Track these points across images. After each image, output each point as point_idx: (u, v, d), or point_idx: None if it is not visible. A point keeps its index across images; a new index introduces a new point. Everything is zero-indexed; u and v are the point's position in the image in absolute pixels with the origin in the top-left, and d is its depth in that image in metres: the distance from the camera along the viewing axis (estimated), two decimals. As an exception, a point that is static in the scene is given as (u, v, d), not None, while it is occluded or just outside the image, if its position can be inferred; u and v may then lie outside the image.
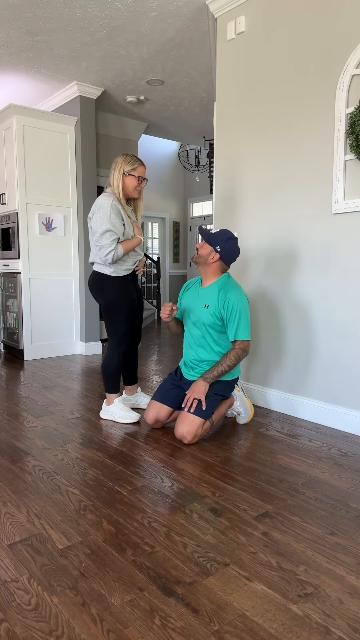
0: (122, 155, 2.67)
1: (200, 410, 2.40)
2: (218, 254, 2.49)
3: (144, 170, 2.70)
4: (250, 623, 1.22)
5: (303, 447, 2.41)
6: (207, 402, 2.44)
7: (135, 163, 2.66)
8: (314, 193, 2.70)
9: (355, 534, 1.62)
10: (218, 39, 3.22)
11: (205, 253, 2.52)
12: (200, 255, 2.53)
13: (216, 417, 2.54)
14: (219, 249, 2.48)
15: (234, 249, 2.51)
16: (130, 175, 2.65)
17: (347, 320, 2.60)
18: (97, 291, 2.72)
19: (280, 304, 2.94)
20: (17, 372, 4.11)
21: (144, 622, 1.22)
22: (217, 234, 2.50)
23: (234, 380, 2.60)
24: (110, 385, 2.80)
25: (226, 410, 2.65)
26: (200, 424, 2.39)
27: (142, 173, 2.69)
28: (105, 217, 2.56)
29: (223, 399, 2.56)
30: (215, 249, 2.49)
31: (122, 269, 2.71)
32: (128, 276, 2.75)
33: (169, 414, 2.62)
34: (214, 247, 2.49)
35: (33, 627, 1.20)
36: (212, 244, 2.49)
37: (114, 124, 5.55)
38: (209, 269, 2.55)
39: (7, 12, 3.36)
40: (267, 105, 2.91)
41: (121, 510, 1.77)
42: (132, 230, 2.71)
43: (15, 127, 4.42)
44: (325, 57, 2.59)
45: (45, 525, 1.67)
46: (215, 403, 2.48)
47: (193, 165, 7.91)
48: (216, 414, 2.54)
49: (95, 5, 3.27)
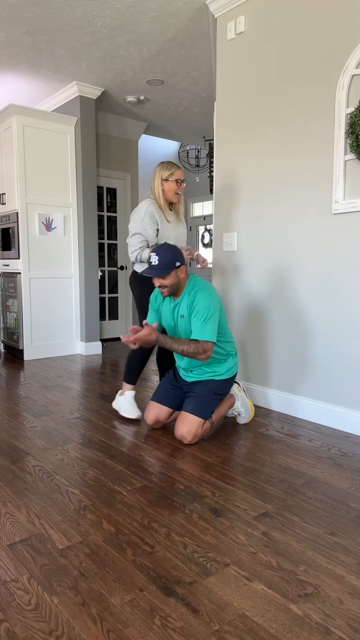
0: (159, 163, 2.82)
1: (200, 410, 2.40)
2: (182, 265, 2.38)
3: (181, 173, 2.80)
4: (250, 623, 1.22)
5: (303, 447, 2.41)
6: (206, 402, 2.43)
7: (172, 168, 2.79)
8: (314, 193, 2.70)
9: (355, 534, 1.62)
10: (218, 39, 3.22)
11: (173, 280, 2.37)
12: (170, 285, 2.38)
13: (216, 417, 2.54)
14: (178, 263, 2.36)
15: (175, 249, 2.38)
16: (169, 181, 2.78)
17: (347, 319, 2.60)
18: (130, 286, 2.95)
19: (279, 304, 2.94)
20: (17, 372, 4.11)
21: (144, 622, 1.22)
22: (162, 255, 2.34)
23: (231, 378, 2.59)
24: (129, 375, 2.88)
25: (227, 410, 2.65)
26: (199, 424, 2.39)
27: (179, 176, 2.78)
28: (139, 220, 2.76)
29: (222, 397, 2.56)
30: (176, 266, 2.35)
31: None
32: None
33: (168, 414, 2.62)
34: (175, 267, 2.35)
35: (33, 627, 1.20)
36: (170, 267, 2.34)
37: (114, 124, 5.55)
38: (182, 284, 2.44)
39: (7, 12, 3.36)
40: (267, 105, 2.91)
41: (121, 510, 1.77)
42: (170, 240, 2.85)
43: (15, 127, 4.42)
44: (325, 57, 2.59)
45: (45, 525, 1.67)
46: (214, 402, 2.48)
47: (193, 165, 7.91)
48: (216, 414, 2.54)
49: (95, 5, 3.27)
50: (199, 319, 2.35)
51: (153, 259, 2.34)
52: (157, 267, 2.34)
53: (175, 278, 2.37)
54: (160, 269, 2.33)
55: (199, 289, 2.41)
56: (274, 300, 2.98)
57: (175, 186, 2.78)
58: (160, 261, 2.33)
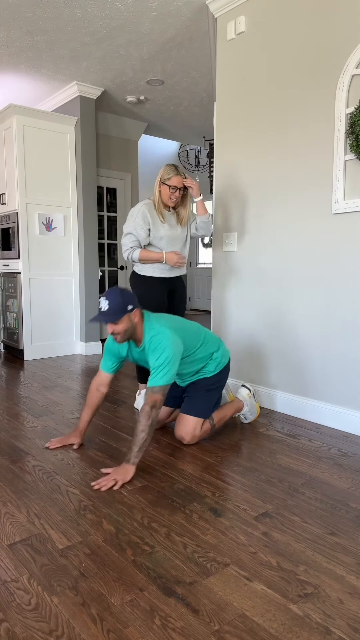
0: (165, 165, 2.79)
1: (196, 410, 2.39)
2: (135, 309, 2.16)
3: (178, 180, 2.73)
4: (250, 623, 1.22)
5: (303, 447, 2.41)
6: (202, 401, 2.40)
7: (172, 173, 2.74)
8: (314, 193, 2.70)
9: (355, 534, 1.62)
10: (218, 39, 3.22)
11: (126, 325, 2.13)
12: (124, 332, 2.14)
13: (218, 419, 2.52)
14: (130, 307, 2.13)
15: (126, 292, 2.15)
16: (164, 184, 2.75)
17: (347, 319, 2.60)
18: (131, 287, 2.95)
19: (279, 304, 2.94)
20: (17, 372, 4.11)
21: (144, 622, 1.22)
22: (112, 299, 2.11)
23: (224, 369, 2.50)
24: (141, 375, 2.98)
25: (232, 414, 2.62)
26: (198, 424, 2.39)
27: (175, 182, 2.73)
28: (131, 220, 2.77)
29: (219, 389, 2.48)
30: (128, 309, 2.12)
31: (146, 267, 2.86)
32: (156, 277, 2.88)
33: (168, 413, 2.62)
34: (128, 310, 2.12)
35: (33, 627, 1.20)
36: (121, 312, 2.10)
37: (114, 124, 5.55)
38: (138, 329, 2.21)
39: (7, 12, 3.36)
40: (267, 105, 2.91)
41: (121, 510, 1.77)
42: (162, 240, 2.81)
43: (15, 127, 4.42)
44: (325, 57, 2.59)
45: (45, 525, 1.67)
46: (210, 399, 2.43)
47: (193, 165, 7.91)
48: (219, 416, 2.51)
49: (95, 5, 3.27)
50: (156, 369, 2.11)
51: (102, 304, 2.11)
52: (107, 312, 2.10)
53: (128, 323, 2.13)
54: (111, 314, 2.09)
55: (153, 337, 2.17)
56: (272, 300, 2.97)
57: (169, 192, 2.76)
58: (110, 306, 2.10)
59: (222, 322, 3.35)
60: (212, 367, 2.47)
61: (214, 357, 2.48)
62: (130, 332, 2.17)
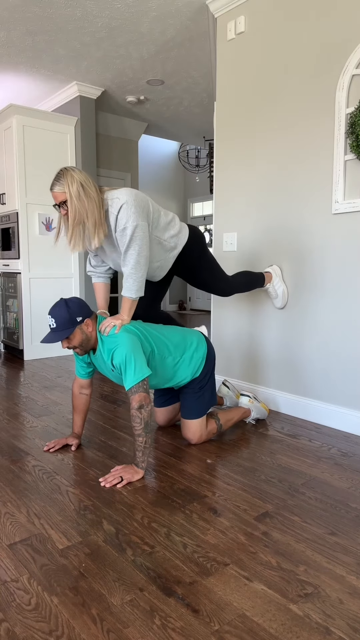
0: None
1: (194, 412, 2.37)
2: (86, 319, 2.06)
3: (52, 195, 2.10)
4: (250, 623, 1.22)
5: (303, 447, 2.41)
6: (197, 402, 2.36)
7: None
8: (314, 193, 2.70)
9: (355, 534, 1.62)
10: (218, 39, 3.22)
11: (80, 338, 2.05)
12: (80, 345, 2.07)
13: (225, 420, 2.50)
14: (79, 318, 2.03)
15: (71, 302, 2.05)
16: None
17: (347, 319, 2.60)
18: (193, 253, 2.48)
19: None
20: (17, 372, 4.11)
21: (144, 622, 1.22)
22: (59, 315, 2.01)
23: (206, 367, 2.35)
24: None
25: (238, 418, 2.61)
26: (201, 424, 2.38)
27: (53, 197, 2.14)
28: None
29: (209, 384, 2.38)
30: (77, 321, 2.03)
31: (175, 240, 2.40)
32: None
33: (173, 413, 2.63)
34: (77, 322, 2.03)
35: (33, 627, 1.20)
36: (71, 325, 2.01)
37: (114, 124, 5.55)
38: (91, 339, 2.10)
39: (7, 12, 3.36)
40: (267, 105, 2.91)
41: (121, 510, 1.77)
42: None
43: (15, 127, 4.42)
44: (325, 57, 2.59)
45: (45, 525, 1.67)
46: (203, 397, 2.36)
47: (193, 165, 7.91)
48: (225, 417, 2.50)
49: (95, 5, 3.27)
50: (125, 371, 2.02)
51: (50, 321, 2.02)
52: (56, 329, 2.01)
53: (80, 335, 2.05)
54: (59, 330, 2.00)
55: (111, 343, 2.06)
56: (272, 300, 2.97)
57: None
58: (57, 323, 2.00)
59: (222, 322, 3.35)
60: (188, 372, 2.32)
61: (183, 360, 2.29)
62: (86, 343, 2.08)
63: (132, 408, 2.00)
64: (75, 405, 2.36)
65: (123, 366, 2.01)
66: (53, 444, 2.35)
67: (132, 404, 2.00)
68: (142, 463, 2.03)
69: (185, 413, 2.40)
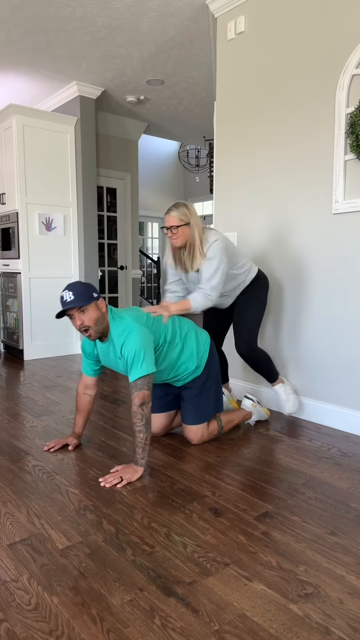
0: None
1: (197, 416, 2.36)
2: (101, 299, 2.07)
3: (168, 219, 2.43)
4: (250, 623, 1.22)
5: (303, 447, 2.41)
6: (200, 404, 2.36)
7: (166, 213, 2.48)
8: (314, 193, 2.70)
9: (355, 534, 1.62)
10: (218, 39, 3.22)
11: (94, 314, 2.03)
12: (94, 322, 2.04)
13: (226, 421, 2.50)
14: (95, 294, 2.05)
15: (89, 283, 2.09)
16: None
17: (346, 319, 2.60)
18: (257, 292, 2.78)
19: (278, 304, 2.94)
20: (17, 372, 4.11)
21: (144, 622, 1.22)
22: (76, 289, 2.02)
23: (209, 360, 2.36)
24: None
25: (239, 420, 2.61)
26: (203, 428, 2.38)
27: (166, 222, 2.44)
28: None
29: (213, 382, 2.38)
30: (94, 296, 2.04)
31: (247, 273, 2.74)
32: None
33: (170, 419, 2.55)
34: (94, 298, 2.04)
35: (33, 627, 1.20)
36: (90, 297, 2.02)
37: (114, 124, 5.55)
38: (105, 321, 2.09)
39: (7, 12, 3.36)
40: (267, 105, 2.91)
41: (121, 510, 1.77)
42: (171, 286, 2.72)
43: (15, 127, 4.42)
44: (325, 56, 2.59)
45: (45, 525, 1.67)
46: (206, 398, 2.37)
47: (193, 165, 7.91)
48: (226, 419, 2.50)
49: (95, 5, 3.27)
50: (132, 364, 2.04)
51: (66, 296, 2.00)
52: (73, 300, 1.99)
53: (96, 311, 2.03)
54: (78, 300, 1.99)
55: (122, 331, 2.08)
56: (273, 301, 2.97)
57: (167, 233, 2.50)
58: (75, 295, 2.00)
59: (222, 322, 3.35)
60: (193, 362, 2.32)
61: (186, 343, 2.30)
62: (100, 323, 2.05)
63: (133, 405, 2.02)
64: (79, 405, 2.36)
65: (131, 358, 2.03)
66: (53, 443, 2.35)
67: (134, 401, 2.02)
68: (142, 460, 2.03)
69: (187, 418, 2.39)
